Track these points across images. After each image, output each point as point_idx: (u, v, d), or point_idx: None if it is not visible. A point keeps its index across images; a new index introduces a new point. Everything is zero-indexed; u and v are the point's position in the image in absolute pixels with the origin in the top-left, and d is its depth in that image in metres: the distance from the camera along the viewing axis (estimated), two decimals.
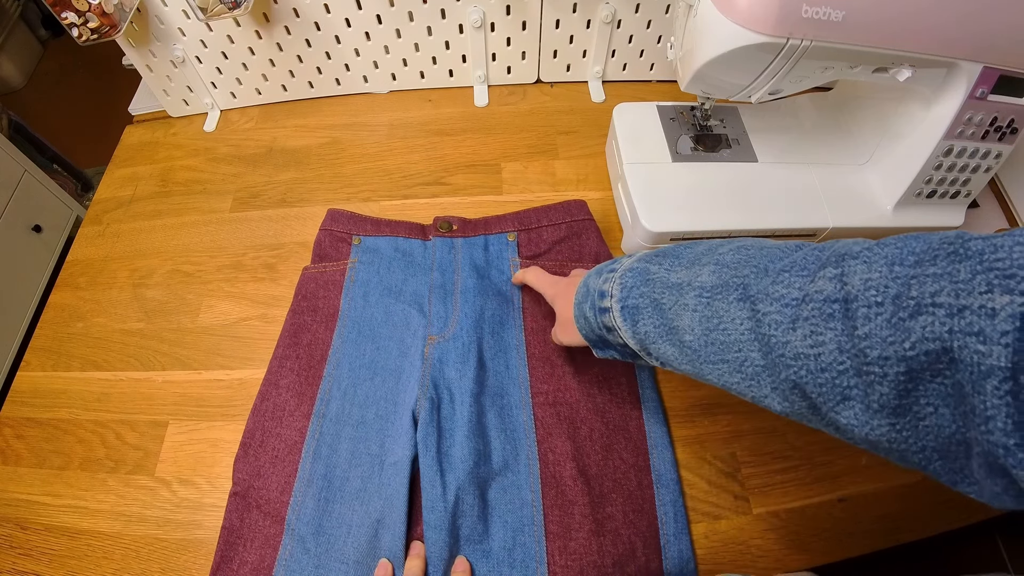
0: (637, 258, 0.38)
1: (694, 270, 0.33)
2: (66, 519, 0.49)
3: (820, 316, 0.25)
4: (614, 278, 0.38)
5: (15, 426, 0.55)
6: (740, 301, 0.29)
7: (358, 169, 0.70)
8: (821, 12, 0.40)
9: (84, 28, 0.61)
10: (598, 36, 0.70)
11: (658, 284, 0.35)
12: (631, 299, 0.36)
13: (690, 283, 0.33)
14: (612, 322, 0.37)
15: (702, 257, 0.34)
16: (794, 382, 0.26)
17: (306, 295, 0.56)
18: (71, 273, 0.65)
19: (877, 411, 0.23)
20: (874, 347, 0.23)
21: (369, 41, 0.70)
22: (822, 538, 0.45)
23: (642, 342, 0.36)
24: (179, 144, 0.75)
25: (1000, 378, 0.19)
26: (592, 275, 0.41)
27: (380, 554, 0.43)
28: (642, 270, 0.36)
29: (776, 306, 0.27)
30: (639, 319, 0.35)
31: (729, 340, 0.30)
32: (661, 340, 0.34)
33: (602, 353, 0.42)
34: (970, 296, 0.20)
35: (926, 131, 0.51)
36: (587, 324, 0.40)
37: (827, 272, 0.26)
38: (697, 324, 0.31)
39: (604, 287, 0.38)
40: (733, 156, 0.58)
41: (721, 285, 0.31)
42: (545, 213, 0.60)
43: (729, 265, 0.31)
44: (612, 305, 0.37)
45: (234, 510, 0.46)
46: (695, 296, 0.32)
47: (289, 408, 0.50)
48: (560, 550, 0.43)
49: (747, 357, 0.29)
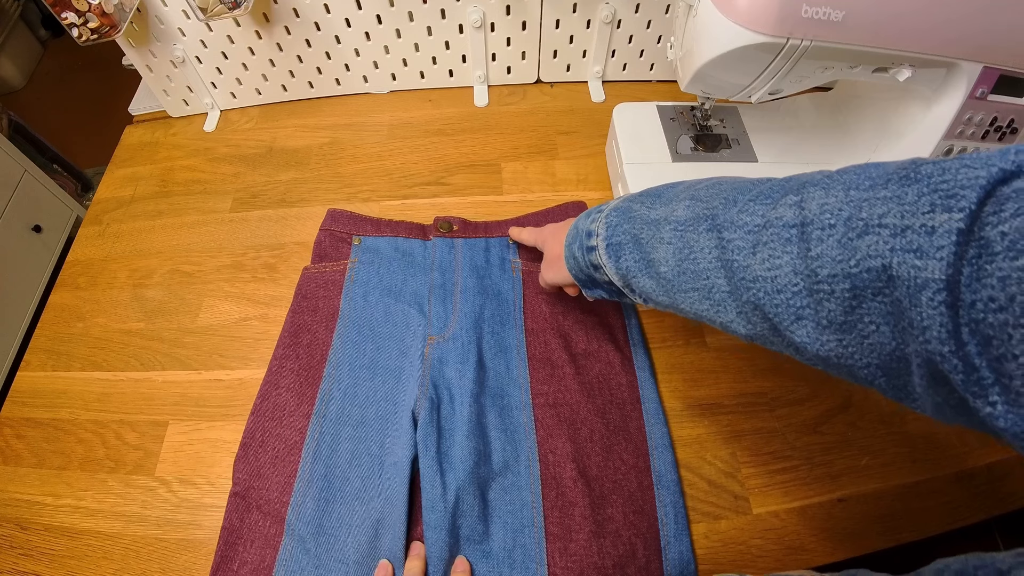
0: (622, 198, 0.40)
1: (671, 206, 0.35)
2: (66, 519, 0.49)
3: (778, 240, 0.26)
4: (600, 218, 0.39)
5: (15, 426, 0.55)
6: (709, 231, 0.31)
7: (358, 169, 0.70)
8: (821, 12, 0.40)
9: (84, 28, 0.61)
10: (598, 36, 0.70)
11: (638, 220, 0.36)
12: (615, 236, 0.38)
13: (666, 218, 0.34)
14: (598, 260, 0.39)
15: (680, 194, 0.35)
16: (755, 304, 0.28)
17: (306, 295, 0.56)
18: (71, 273, 0.65)
19: (826, 327, 0.25)
20: (824, 266, 0.24)
21: (369, 41, 0.70)
22: (822, 538, 0.45)
23: (624, 277, 0.38)
24: (179, 144, 0.75)
25: (934, 289, 0.20)
26: (581, 217, 0.42)
27: (380, 554, 0.43)
28: (625, 208, 0.38)
29: (740, 232, 0.29)
30: (621, 255, 0.37)
31: (699, 268, 0.31)
32: (640, 274, 0.36)
33: (590, 292, 0.44)
34: (914, 216, 0.21)
35: (926, 131, 0.51)
36: (576, 264, 0.42)
37: (788, 199, 0.27)
38: (671, 256, 0.33)
39: (591, 227, 0.40)
40: (733, 156, 0.58)
41: (693, 218, 0.32)
42: (545, 216, 0.60)
43: (702, 199, 0.33)
44: (598, 244, 0.39)
45: (234, 510, 0.46)
46: (671, 230, 0.33)
47: (289, 408, 0.50)
48: (560, 551, 0.43)
49: (714, 284, 0.30)
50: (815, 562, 0.44)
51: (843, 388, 0.53)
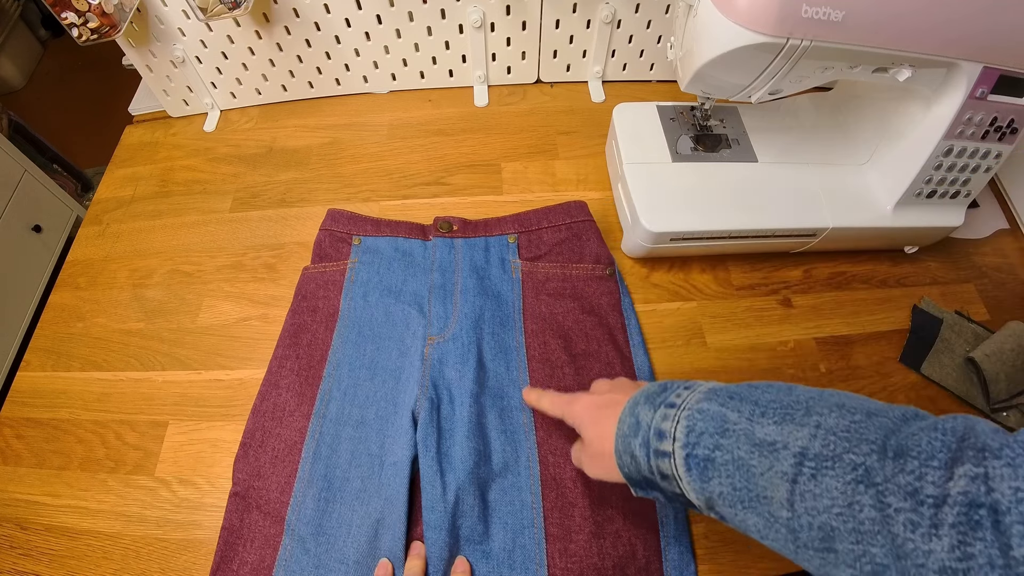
0: (704, 394, 0.32)
1: (787, 427, 0.28)
2: (66, 519, 0.49)
3: (967, 524, 0.22)
4: (677, 416, 0.32)
5: (15, 426, 0.55)
6: (860, 484, 0.25)
7: (358, 169, 0.70)
8: (821, 12, 0.40)
9: (84, 28, 0.61)
10: (598, 36, 0.70)
11: (741, 437, 0.29)
12: (701, 448, 0.30)
13: (785, 445, 0.28)
14: (672, 470, 0.32)
15: (793, 412, 0.29)
16: None
17: (306, 295, 0.56)
18: (71, 273, 0.65)
19: None
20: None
21: (369, 41, 0.70)
22: None
23: (711, 501, 0.30)
24: (179, 144, 0.75)
25: None
26: (642, 404, 0.34)
27: (380, 554, 0.43)
28: (716, 414, 0.31)
29: (910, 502, 0.23)
30: (713, 476, 0.30)
31: (844, 527, 0.25)
32: (741, 507, 0.29)
33: (642, 493, 0.36)
34: None
35: (926, 131, 0.51)
36: (634, 463, 0.34)
37: (967, 470, 0.23)
38: (798, 499, 0.27)
39: (663, 425, 0.32)
40: (733, 156, 0.58)
41: (832, 457, 0.26)
42: (545, 215, 0.60)
43: (835, 431, 0.27)
44: (675, 450, 0.31)
45: (234, 510, 0.46)
46: (794, 463, 0.27)
47: (289, 408, 0.50)
48: (560, 552, 0.43)
49: (866, 552, 0.25)
50: None
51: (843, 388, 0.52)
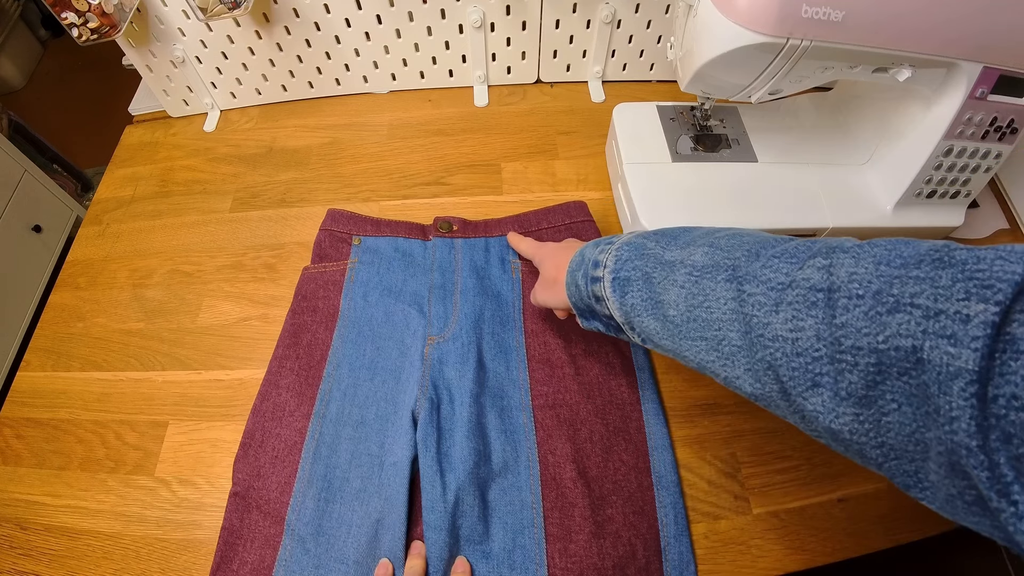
0: (635, 234, 0.39)
1: (688, 250, 0.34)
2: (66, 519, 0.49)
3: (803, 302, 0.26)
4: (610, 250, 0.38)
5: (15, 426, 0.55)
6: (727, 281, 0.30)
7: (358, 169, 0.70)
8: (821, 12, 0.40)
9: (84, 28, 0.61)
10: (598, 36, 0.70)
11: (651, 259, 0.35)
12: (624, 271, 0.37)
13: (682, 261, 0.33)
14: (602, 292, 0.38)
15: (698, 239, 0.34)
16: (769, 363, 0.27)
17: (306, 295, 0.56)
18: (71, 273, 0.65)
19: (844, 399, 0.24)
20: (848, 336, 0.23)
21: (369, 41, 0.70)
22: (822, 538, 0.45)
23: (627, 314, 0.37)
24: (179, 144, 0.75)
25: (967, 380, 0.20)
26: (589, 246, 0.41)
27: (380, 554, 0.43)
28: (638, 244, 0.37)
29: (762, 288, 0.28)
30: (628, 291, 0.36)
31: (711, 318, 0.30)
32: (646, 313, 0.35)
33: (587, 324, 0.43)
34: (948, 301, 0.21)
35: (926, 131, 0.51)
36: (577, 292, 0.41)
37: (816, 261, 0.26)
38: (682, 300, 0.32)
39: (599, 257, 0.39)
40: (733, 156, 0.58)
41: (712, 265, 0.31)
42: (545, 215, 0.60)
43: (722, 248, 0.32)
44: (604, 275, 0.38)
45: (234, 510, 0.46)
46: (685, 273, 0.33)
47: (289, 408, 0.50)
48: (560, 552, 0.43)
49: (726, 336, 0.30)
50: (815, 562, 0.44)
51: None
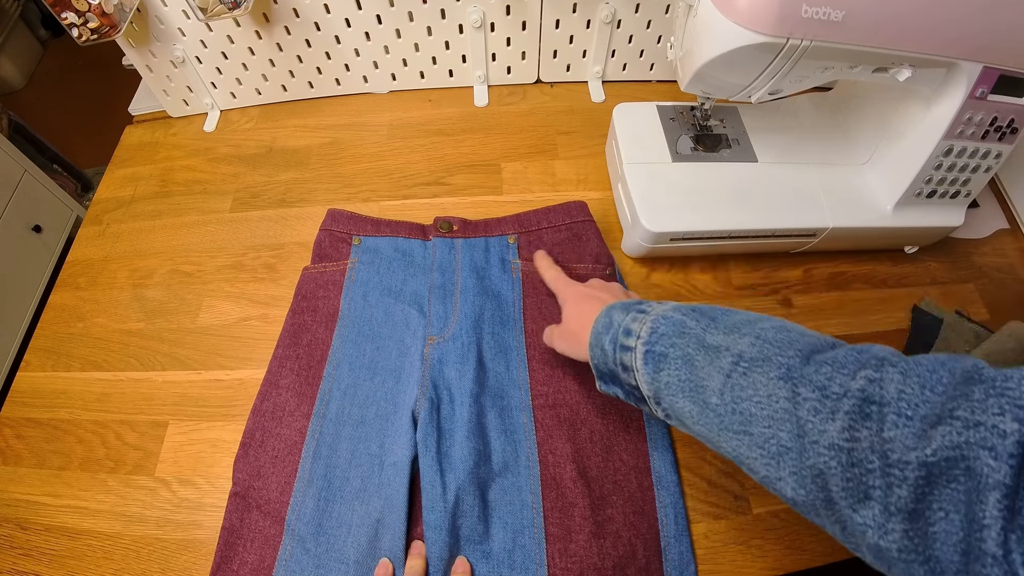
0: (671, 307, 0.38)
1: (732, 337, 0.33)
2: (66, 519, 0.49)
3: (859, 414, 0.26)
4: (645, 320, 0.37)
5: (15, 426, 0.55)
6: (781, 380, 0.30)
7: (358, 169, 0.70)
8: (821, 12, 0.40)
9: (84, 28, 0.61)
10: (598, 36, 0.70)
11: (692, 339, 0.35)
12: (660, 346, 0.36)
13: (728, 348, 0.33)
14: (631, 362, 0.37)
15: (741, 327, 0.34)
16: (820, 471, 0.27)
17: (306, 295, 0.56)
18: (71, 273, 0.65)
19: (894, 514, 0.24)
20: (895, 451, 0.24)
21: (369, 41, 0.70)
22: (822, 538, 0.45)
23: (658, 391, 0.36)
24: (179, 144, 0.75)
25: (1002, 493, 0.21)
26: (618, 309, 0.40)
27: (380, 554, 0.43)
28: (678, 321, 0.36)
29: (817, 394, 0.28)
30: (663, 368, 0.35)
31: (760, 414, 0.30)
32: (681, 395, 0.34)
33: (605, 388, 0.42)
34: (984, 414, 0.22)
35: (926, 131, 0.51)
36: (602, 355, 0.40)
37: (867, 373, 0.27)
38: (728, 390, 0.31)
39: (632, 326, 0.38)
40: (733, 156, 0.58)
41: (762, 359, 0.31)
42: (545, 215, 0.60)
43: (771, 342, 0.32)
44: (636, 346, 0.37)
45: (234, 510, 0.46)
46: (731, 362, 0.32)
47: (289, 408, 0.50)
48: (560, 552, 0.43)
49: (775, 435, 0.29)
50: (815, 562, 0.44)
51: None
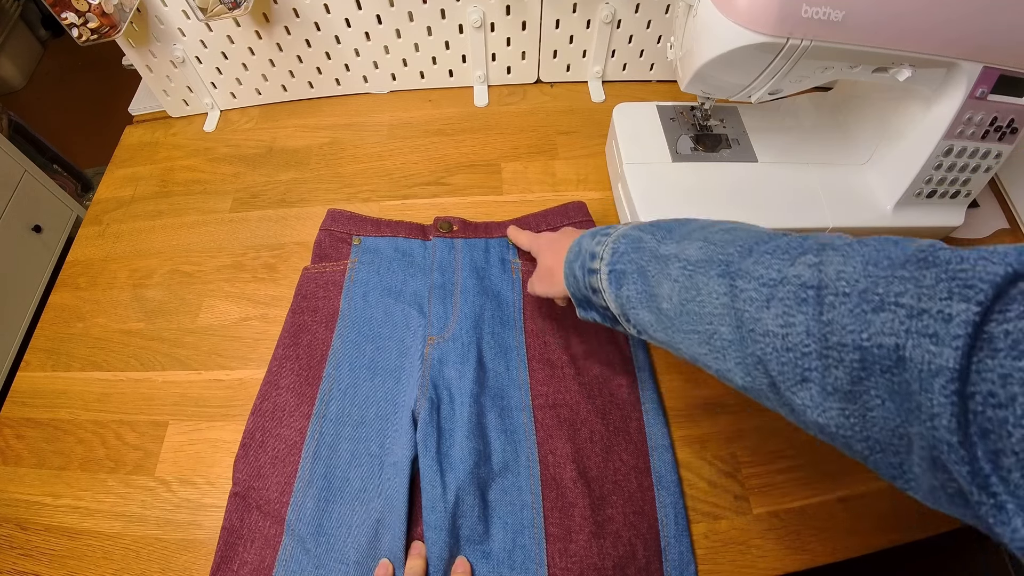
0: (632, 226, 0.39)
1: (683, 244, 0.34)
2: (66, 519, 0.49)
3: (794, 299, 0.26)
4: (607, 242, 0.39)
5: (15, 426, 0.55)
6: (720, 276, 0.30)
7: (358, 169, 0.70)
8: (821, 12, 0.40)
9: (84, 28, 0.61)
10: (598, 36, 0.70)
11: (647, 252, 0.36)
12: (619, 264, 0.37)
13: (677, 255, 0.34)
14: (598, 284, 0.39)
15: (693, 233, 0.35)
16: (759, 358, 0.28)
17: (306, 295, 0.56)
18: (71, 273, 0.65)
19: (831, 394, 0.25)
20: (834, 333, 0.24)
21: (369, 41, 0.70)
22: (822, 538, 0.45)
23: (623, 306, 0.37)
24: (179, 144, 0.75)
25: (948, 378, 0.20)
26: (586, 236, 0.42)
27: (380, 554, 0.43)
28: (635, 237, 0.37)
29: (754, 284, 0.28)
30: (623, 283, 0.37)
31: (703, 312, 0.31)
32: (640, 306, 0.36)
33: (584, 314, 0.43)
34: (931, 300, 0.21)
35: (926, 131, 0.51)
36: (575, 283, 0.41)
37: (807, 259, 0.27)
38: (676, 294, 0.33)
39: (596, 249, 0.39)
40: (733, 156, 0.58)
41: (705, 260, 0.32)
42: (545, 217, 0.60)
43: (716, 243, 0.32)
44: (601, 267, 0.38)
45: (234, 510, 0.46)
46: (679, 267, 0.33)
47: (289, 408, 0.50)
48: (560, 552, 0.43)
49: (718, 330, 0.30)
50: (815, 562, 0.44)
51: None
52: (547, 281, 0.47)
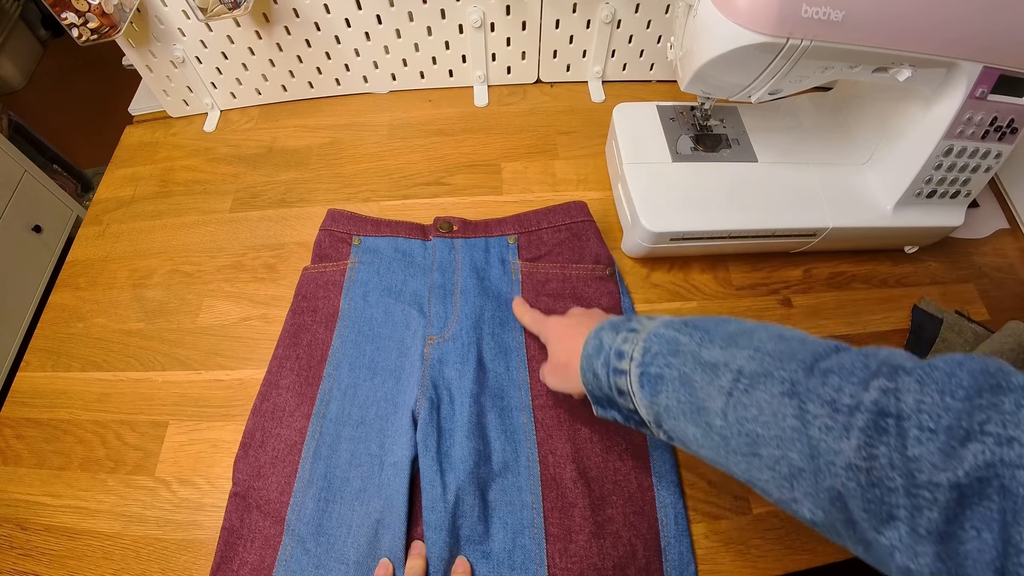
0: (662, 323, 0.36)
1: (730, 351, 0.31)
2: (66, 519, 0.49)
3: (874, 428, 0.24)
4: (636, 339, 0.36)
5: (15, 426, 0.55)
6: (785, 396, 0.28)
7: (358, 169, 0.70)
8: (821, 12, 0.40)
9: (84, 28, 0.61)
10: (598, 36, 0.70)
11: (687, 357, 0.33)
12: (654, 367, 0.34)
13: (726, 364, 0.31)
14: (627, 386, 0.35)
15: (738, 339, 0.32)
16: (838, 492, 0.25)
17: (306, 295, 0.56)
18: (71, 273, 0.65)
19: (924, 536, 0.23)
20: (922, 470, 0.23)
21: (369, 41, 0.70)
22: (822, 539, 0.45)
23: (658, 415, 0.34)
24: (179, 144, 0.75)
25: None
26: (607, 329, 0.38)
27: (380, 554, 0.43)
28: (670, 338, 0.34)
29: (827, 409, 0.26)
30: (661, 390, 0.33)
31: (768, 435, 0.28)
32: (683, 418, 0.32)
33: (603, 412, 0.40)
34: (1017, 428, 0.21)
35: (926, 131, 0.51)
36: (595, 381, 0.38)
37: (880, 383, 0.25)
38: (731, 411, 0.30)
39: (623, 347, 0.36)
40: (733, 156, 0.58)
41: (762, 374, 0.29)
42: (545, 215, 0.60)
43: (771, 354, 0.30)
44: (630, 369, 0.35)
45: (234, 510, 0.46)
46: (731, 379, 0.30)
47: (289, 408, 0.50)
48: (560, 552, 0.43)
49: (785, 456, 0.27)
50: (815, 562, 0.44)
51: None
52: (561, 375, 0.43)
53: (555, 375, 0.44)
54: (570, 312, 0.49)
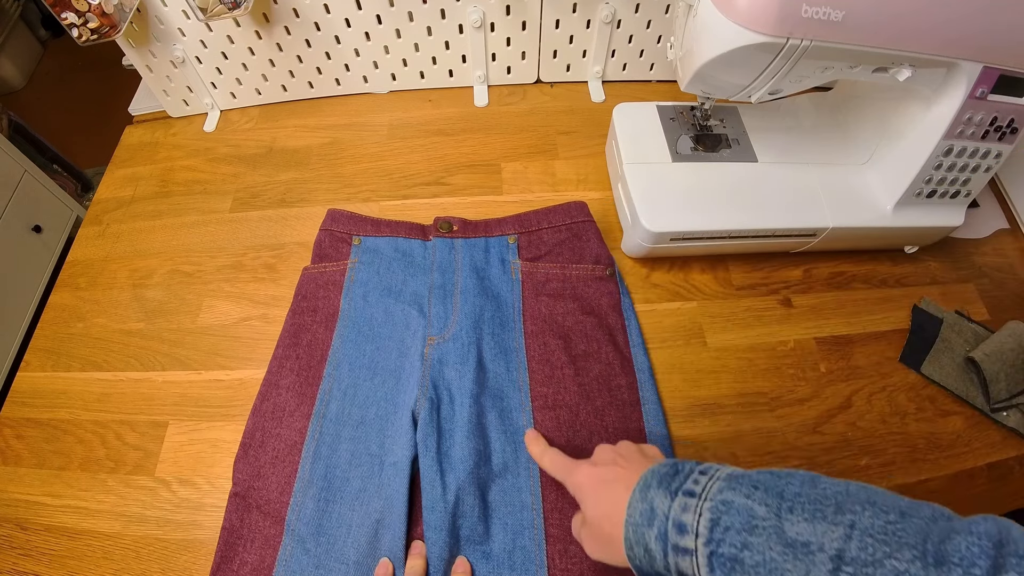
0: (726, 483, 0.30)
1: (819, 526, 0.26)
2: (66, 519, 0.49)
3: None
4: (699, 507, 0.29)
5: (15, 426, 0.55)
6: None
7: (358, 169, 0.70)
8: (821, 12, 0.40)
9: (84, 28, 0.61)
10: (598, 36, 0.70)
11: (769, 534, 0.27)
12: (727, 546, 0.28)
13: (820, 546, 0.26)
14: (693, 570, 0.29)
15: (824, 508, 0.27)
16: None
17: (306, 295, 0.56)
18: (71, 273, 0.65)
19: None
20: None
21: (369, 41, 0.70)
22: None
23: None
24: (179, 144, 0.75)
25: None
26: (655, 488, 0.32)
27: (380, 554, 0.43)
28: (743, 508, 0.28)
29: None
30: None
31: None
32: None
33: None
34: None
35: (926, 131, 0.51)
36: (648, 557, 0.31)
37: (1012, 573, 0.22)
38: None
39: (684, 517, 0.29)
40: (733, 156, 0.58)
41: (871, 563, 0.25)
42: (545, 215, 0.60)
43: (873, 534, 0.25)
44: (697, 547, 0.29)
45: (234, 510, 0.46)
46: (831, 569, 0.25)
47: (289, 408, 0.50)
48: (560, 553, 0.43)
49: None
50: None
51: (843, 388, 0.52)
52: (603, 546, 0.35)
53: (596, 543, 0.36)
54: (597, 453, 0.39)
